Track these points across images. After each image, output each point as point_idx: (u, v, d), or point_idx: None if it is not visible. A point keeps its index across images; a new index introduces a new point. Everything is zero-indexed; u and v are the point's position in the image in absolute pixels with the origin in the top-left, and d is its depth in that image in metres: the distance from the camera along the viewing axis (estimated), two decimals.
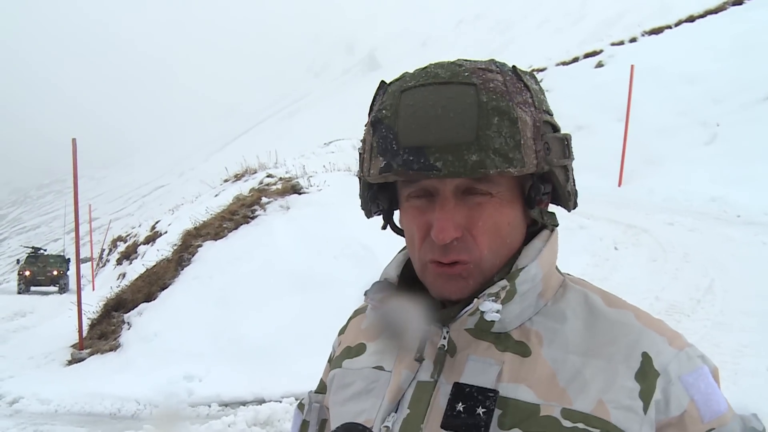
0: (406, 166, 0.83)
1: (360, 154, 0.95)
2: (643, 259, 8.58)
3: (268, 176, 14.71)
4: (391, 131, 0.85)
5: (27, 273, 28.61)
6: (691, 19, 20.45)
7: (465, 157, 0.81)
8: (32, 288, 28.37)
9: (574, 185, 0.99)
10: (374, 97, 0.94)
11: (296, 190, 12.38)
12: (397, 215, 1.02)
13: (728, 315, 6.39)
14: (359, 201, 1.03)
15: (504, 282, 0.87)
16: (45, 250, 33.74)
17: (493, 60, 0.92)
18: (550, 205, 0.99)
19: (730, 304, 6.66)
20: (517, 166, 0.83)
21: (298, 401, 1.17)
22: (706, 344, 5.64)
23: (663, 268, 8.12)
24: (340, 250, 9.84)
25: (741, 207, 10.36)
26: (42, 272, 28.81)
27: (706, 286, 7.24)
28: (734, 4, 19.39)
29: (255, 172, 16.87)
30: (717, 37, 16.79)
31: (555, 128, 0.92)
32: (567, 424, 0.81)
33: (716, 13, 19.65)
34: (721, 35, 16.71)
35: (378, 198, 1.01)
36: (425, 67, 0.90)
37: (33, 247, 33.11)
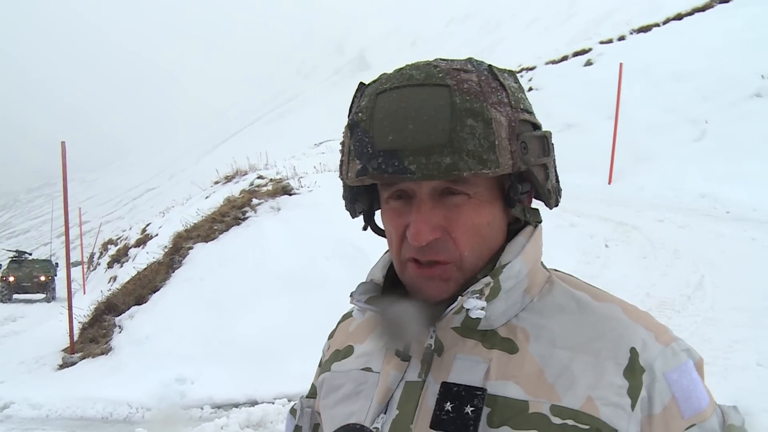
0: (380, 169, 0.83)
1: (340, 156, 0.95)
2: (634, 256, 8.62)
3: (258, 177, 14.68)
4: (366, 135, 0.85)
5: (11, 279, 25.80)
6: (679, 17, 20.54)
7: (438, 160, 0.80)
8: (16, 295, 25.80)
9: (557, 182, 0.98)
10: (353, 99, 0.94)
11: (287, 191, 12.36)
12: (378, 216, 1.02)
13: (718, 310, 6.42)
14: (343, 203, 1.04)
15: (488, 279, 0.87)
16: (30, 254, 30.72)
17: (470, 59, 0.92)
18: (534, 201, 0.99)
19: (720, 299, 6.70)
20: (492, 167, 0.82)
21: (291, 406, 1.17)
22: (697, 340, 5.67)
23: (653, 264, 8.15)
24: (331, 250, 9.84)
25: (730, 203, 10.42)
26: (28, 278, 26.00)
27: (696, 282, 7.28)
28: (721, 2, 19.48)
29: (245, 174, 16.84)
30: (705, 34, 16.87)
31: (535, 126, 0.92)
32: (556, 420, 0.81)
33: (704, 10, 19.74)
34: (709, 33, 16.79)
35: (358, 199, 1.02)
36: (401, 69, 0.90)
37: (16, 251, 29.80)
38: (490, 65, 0.91)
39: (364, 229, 1.06)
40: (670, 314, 6.49)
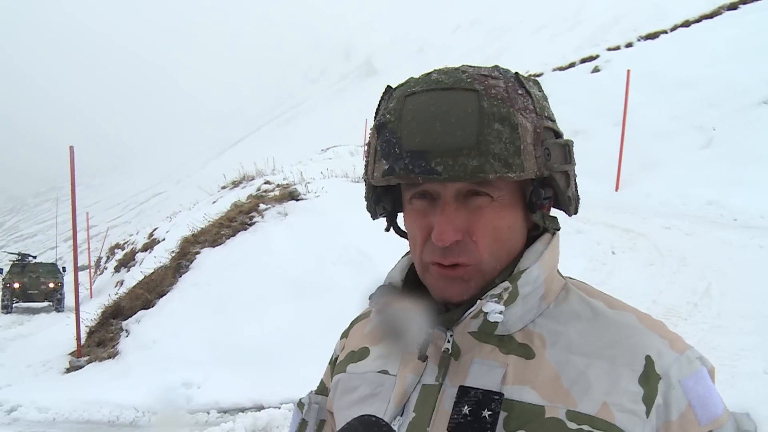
0: (407, 169, 0.84)
1: (365, 157, 0.96)
2: (641, 263, 8.60)
3: (265, 183, 14.73)
4: (394, 135, 0.86)
5: (16, 285, 22.37)
6: (686, 24, 20.55)
7: (465, 162, 0.82)
8: (19, 304, 22.63)
9: (576, 190, 0.99)
10: (380, 102, 0.95)
11: (294, 196, 12.38)
12: (400, 217, 1.03)
13: (725, 318, 6.40)
14: (365, 203, 1.04)
15: (506, 283, 0.88)
16: (34, 257, 27.43)
17: (496, 66, 0.93)
18: (552, 209, 1.00)
19: (727, 307, 6.67)
20: (517, 171, 0.84)
21: (299, 399, 1.18)
22: (704, 347, 5.65)
23: (660, 272, 8.13)
24: (338, 256, 9.85)
25: (737, 210, 10.39)
26: (34, 284, 22.61)
27: (703, 290, 7.26)
28: (729, 9, 19.48)
29: (252, 179, 16.89)
30: (712, 41, 16.87)
31: (557, 134, 0.93)
32: (572, 426, 0.82)
33: (711, 17, 19.75)
34: (717, 40, 16.78)
35: (382, 200, 1.03)
36: (429, 73, 0.91)
37: (19, 254, 26.76)
38: (516, 73, 0.93)
39: (387, 230, 1.07)
40: (677, 322, 6.47)
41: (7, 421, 7.76)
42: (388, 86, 0.96)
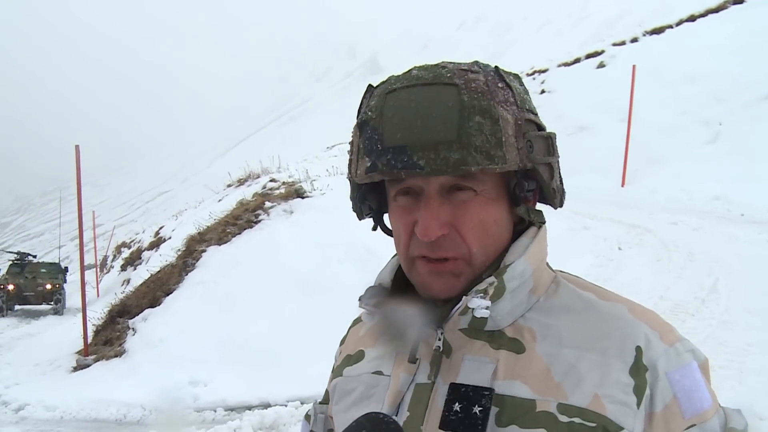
0: (390, 165, 0.85)
1: (349, 156, 0.97)
2: (648, 259, 8.57)
3: (271, 181, 14.74)
4: (376, 132, 0.87)
5: (11, 287, 20.72)
6: (692, 19, 20.46)
7: (447, 155, 0.82)
8: (18, 307, 21.14)
9: (561, 183, 1.00)
10: (361, 101, 0.96)
11: (300, 194, 12.40)
12: (386, 218, 1.03)
13: (733, 314, 6.37)
14: (351, 203, 1.05)
15: (491, 278, 0.88)
16: (35, 257, 26.02)
17: (476, 61, 0.94)
18: (538, 204, 1.00)
19: (734, 302, 6.64)
20: (499, 163, 0.84)
21: (306, 412, 1.18)
22: (712, 343, 5.63)
23: (667, 267, 8.10)
24: (344, 253, 9.85)
25: (745, 205, 10.35)
26: (31, 286, 21.09)
27: (710, 285, 7.23)
28: (735, 3, 19.38)
29: (258, 177, 16.90)
30: (718, 36, 16.79)
31: (539, 127, 0.93)
32: (563, 419, 0.82)
33: (717, 12, 19.65)
34: (723, 34, 16.70)
35: (367, 199, 1.03)
36: (410, 70, 0.92)
37: (18, 252, 25.09)
38: (496, 67, 0.93)
39: (374, 229, 1.08)
40: (685, 317, 6.45)
41: (15, 419, 7.80)
42: (370, 85, 0.96)
